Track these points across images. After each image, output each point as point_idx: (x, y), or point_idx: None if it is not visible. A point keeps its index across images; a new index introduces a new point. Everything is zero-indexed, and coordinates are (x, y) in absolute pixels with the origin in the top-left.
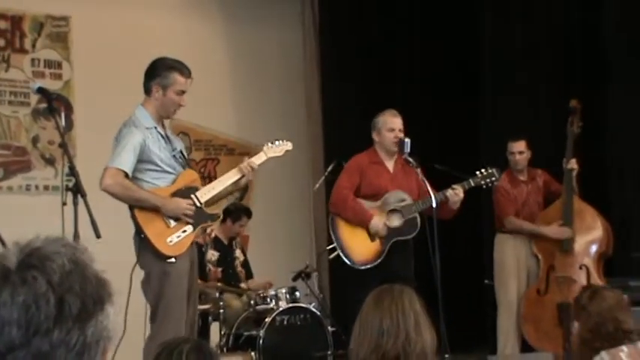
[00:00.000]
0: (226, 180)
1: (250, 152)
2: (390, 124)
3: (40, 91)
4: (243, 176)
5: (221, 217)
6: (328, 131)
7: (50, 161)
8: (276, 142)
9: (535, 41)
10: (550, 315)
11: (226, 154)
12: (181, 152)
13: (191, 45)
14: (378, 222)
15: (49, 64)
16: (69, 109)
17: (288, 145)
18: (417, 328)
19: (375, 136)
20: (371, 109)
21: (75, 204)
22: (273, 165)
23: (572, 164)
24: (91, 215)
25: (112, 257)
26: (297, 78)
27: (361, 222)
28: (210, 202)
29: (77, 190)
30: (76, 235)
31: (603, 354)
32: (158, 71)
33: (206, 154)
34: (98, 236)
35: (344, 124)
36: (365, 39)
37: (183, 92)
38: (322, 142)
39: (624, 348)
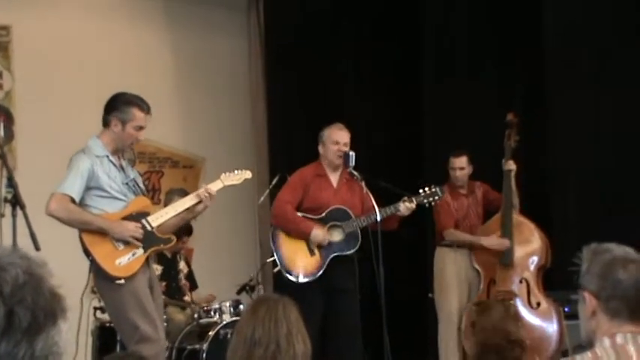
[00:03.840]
0: (180, 206)
1: (195, 165)
2: (335, 137)
3: None
4: (200, 202)
5: (174, 241)
6: (273, 144)
7: None
8: (235, 172)
9: (478, 53)
10: None
11: (171, 167)
12: (135, 181)
13: (136, 54)
14: (318, 232)
15: None
16: (9, 119)
17: (247, 174)
18: (289, 337)
19: (320, 149)
20: (317, 122)
21: (14, 215)
22: (217, 178)
23: (510, 165)
24: (30, 227)
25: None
26: (243, 89)
27: (302, 233)
28: (165, 228)
29: (16, 202)
30: (15, 247)
31: None
32: (117, 106)
33: (150, 167)
34: (37, 249)
35: (289, 136)
36: (312, 49)
37: (141, 128)
38: (267, 154)
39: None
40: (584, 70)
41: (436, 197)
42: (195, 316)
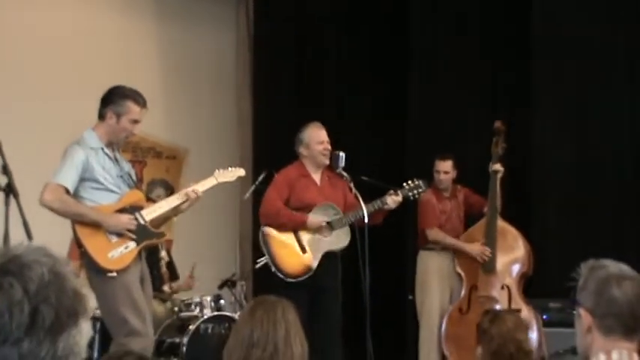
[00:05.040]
0: (172, 202)
1: (178, 156)
2: (318, 137)
3: None
4: (186, 201)
5: (166, 235)
6: (258, 138)
7: None
8: (229, 168)
9: (464, 54)
10: (471, 334)
11: (154, 157)
12: (129, 174)
13: (121, 43)
14: (315, 218)
15: None
16: None
17: (241, 172)
18: (287, 339)
19: (302, 151)
20: (302, 118)
21: (7, 204)
22: (200, 171)
23: (497, 166)
24: (23, 216)
25: None
26: (229, 82)
27: (298, 223)
28: (157, 222)
29: (10, 190)
30: (7, 236)
31: None
32: (113, 99)
33: (133, 156)
34: (30, 238)
35: (274, 131)
36: (300, 45)
37: (136, 121)
38: (251, 149)
39: None
40: (571, 75)
41: (420, 190)
42: (176, 309)
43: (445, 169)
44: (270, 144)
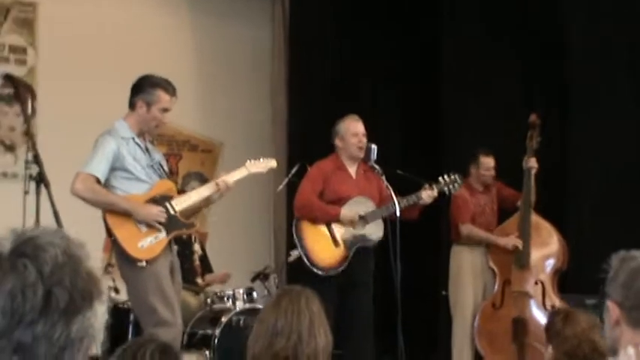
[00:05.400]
0: (203, 192)
1: (213, 149)
2: (354, 129)
3: (8, 77)
4: (217, 191)
5: (197, 225)
6: (292, 133)
7: (10, 148)
8: (260, 159)
9: (498, 55)
10: (505, 330)
11: (189, 151)
12: (160, 164)
13: (157, 37)
14: (348, 212)
15: (13, 49)
16: (32, 96)
17: (272, 163)
18: (311, 329)
19: (338, 143)
20: (337, 112)
21: (37, 193)
22: (235, 164)
23: (532, 162)
24: (53, 205)
25: None
26: (264, 77)
27: (331, 217)
28: (188, 213)
29: (41, 180)
30: (37, 225)
31: None
32: (143, 88)
33: (169, 150)
34: (60, 227)
35: (309, 125)
36: (334, 42)
37: (166, 110)
38: (285, 143)
39: None
40: (609, 74)
41: (456, 184)
42: (209, 301)
43: (490, 164)
44: (304, 138)
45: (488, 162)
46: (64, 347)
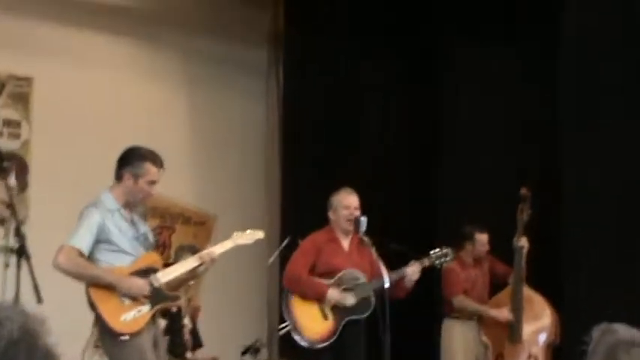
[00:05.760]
0: (188, 264)
1: (207, 222)
2: (346, 202)
3: None
4: (202, 264)
5: (182, 298)
6: (286, 205)
7: (1, 221)
8: (247, 231)
9: (492, 122)
10: None
11: (182, 223)
12: (146, 236)
13: (153, 110)
14: (334, 292)
15: (7, 123)
16: (24, 169)
17: (260, 234)
18: None
19: (331, 215)
20: (330, 186)
21: (18, 267)
22: (228, 237)
23: (523, 242)
24: (34, 279)
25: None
26: (258, 150)
27: (318, 295)
28: (174, 285)
29: (22, 253)
30: (17, 298)
31: None
32: (130, 160)
33: (162, 222)
34: (39, 301)
35: (302, 199)
36: (328, 116)
37: (153, 182)
38: (279, 215)
39: None
40: (598, 142)
41: (447, 258)
42: None
43: (484, 240)
44: (297, 211)
45: (483, 239)
46: None
